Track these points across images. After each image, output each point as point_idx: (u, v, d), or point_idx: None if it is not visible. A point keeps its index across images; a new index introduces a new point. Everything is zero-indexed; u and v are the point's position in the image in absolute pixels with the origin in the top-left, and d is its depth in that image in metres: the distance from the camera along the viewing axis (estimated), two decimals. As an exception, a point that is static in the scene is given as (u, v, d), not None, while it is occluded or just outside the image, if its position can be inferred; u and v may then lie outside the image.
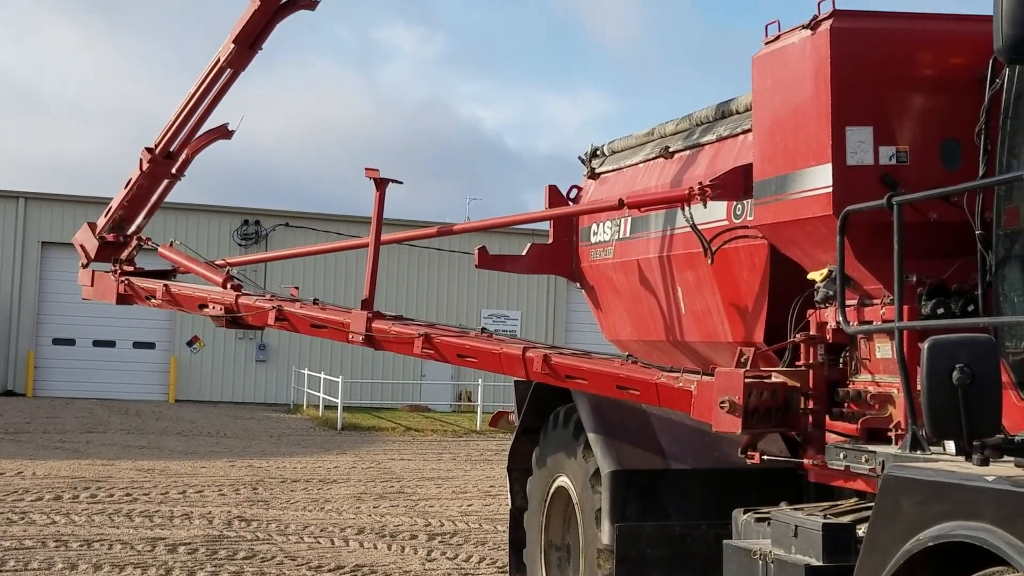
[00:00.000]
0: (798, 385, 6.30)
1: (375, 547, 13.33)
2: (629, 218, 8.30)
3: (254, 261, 11.74)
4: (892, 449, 5.45)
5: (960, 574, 4.16)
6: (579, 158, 9.38)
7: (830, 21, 5.83)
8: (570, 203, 9.19)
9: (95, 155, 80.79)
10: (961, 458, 4.46)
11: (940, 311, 5.62)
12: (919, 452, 4.99)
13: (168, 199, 11.11)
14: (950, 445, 4.69)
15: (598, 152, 9.24)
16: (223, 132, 10.41)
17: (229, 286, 9.74)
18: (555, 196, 9.16)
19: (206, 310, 9.73)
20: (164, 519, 14.33)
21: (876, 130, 5.77)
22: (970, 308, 5.58)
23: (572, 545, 7.83)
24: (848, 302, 5.90)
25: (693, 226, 7.16)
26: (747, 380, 6.13)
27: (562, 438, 7.64)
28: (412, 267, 40.20)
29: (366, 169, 8.78)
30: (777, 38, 6.25)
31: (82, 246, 10.90)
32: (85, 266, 10.95)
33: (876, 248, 5.63)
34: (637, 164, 8.40)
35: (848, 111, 5.75)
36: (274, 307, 9.24)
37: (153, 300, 10.22)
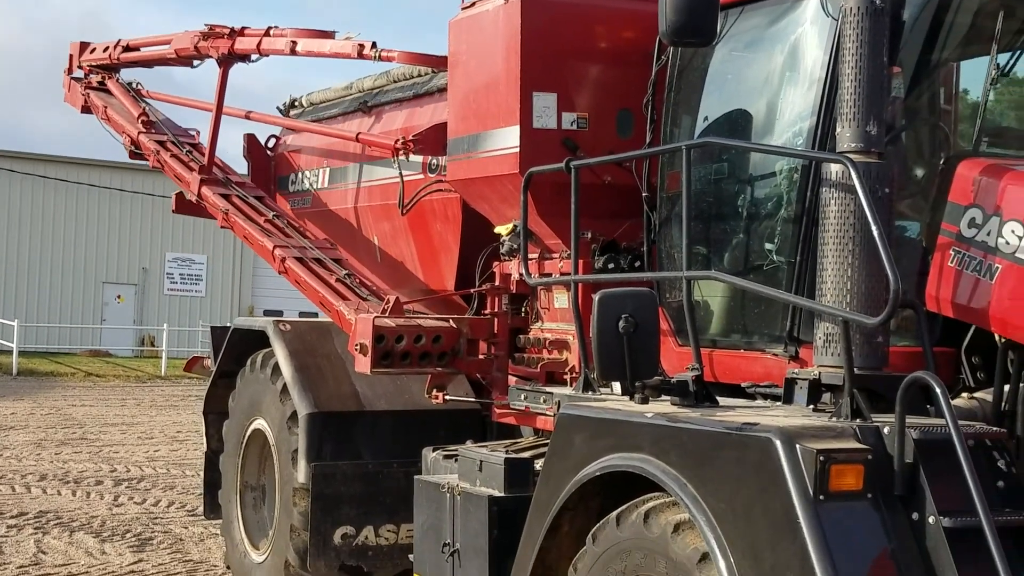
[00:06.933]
0: (464, 331, 6.76)
1: (59, 493, 13.09)
2: (328, 169, 8.55)
3: None
4: (567, 390, 5.98)
5: (624, 500, 4.70)
6: (277, 108, 9.52)
7: (522, -8, 6.23)
8: (269, 152, 9.34)
9: None
10: (626, 398, 5.01)
11: (611, 266, 6.19)
12: (590, 393, 5.52)
13: None
14: (616, 386, 5.23)
15: (296, 103, 9.41)
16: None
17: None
18: (254, 145, 9.29)
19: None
20: None
21: (560, 97, 6.24)
22: (637, 264, 6.16)
23: (267, 485, 8.06)
24: (530, 256, 6.38)
25: (401, 177, 7.47)
26: (377, 324, 6.55)
27: (259, 382, 7.83)
28: (93, 207, 38.66)
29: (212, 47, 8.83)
30: (473, 4, 6.61)
31: (71, 55, 10.91)
32: (68, 73, 10.97)
33: (556, 206, 6.11)
34: (336, 116, 8.64)
35: (535, 78, 6.20)
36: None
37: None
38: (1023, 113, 6.02)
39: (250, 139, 9.34)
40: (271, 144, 9.41)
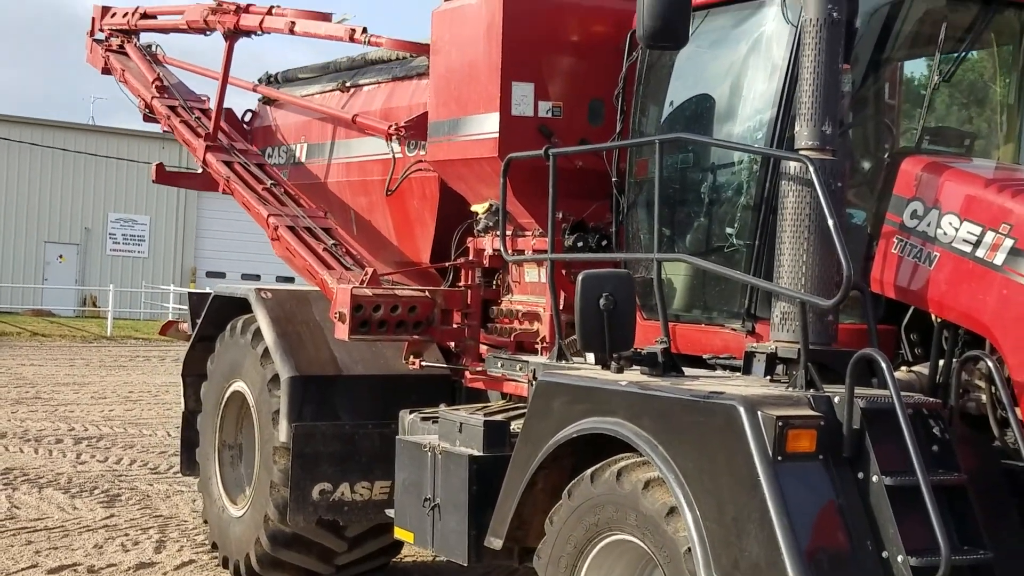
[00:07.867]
0: (439, 301, 7.22)
1: (21, 451, 13.37)
2: (305, 144, 8.93)
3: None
4: (541, 359, 6.46)
5: (595, 460, 5.19)
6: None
7: (504, -15, 6.65)
8: (245, 127, 9.69)
9: None
10: (599, 367, 5.50)
11: (580, 244, 6.66)
12: (563, 362, 6.01)
13: None
14: (590, 356, 5.72)
15: (273, 78, 9.75)
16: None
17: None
18: (231, 119, 9.63)
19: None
20: None
21: (537, 86, 6.70)
22: (604, 243, 6.64)
23: (245, 444, 8.46)
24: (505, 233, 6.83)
25: (393, 159, 7.86)
26: (355, 294, 6.99)
27: (240, 347, 8.20)
28: (36, 166, 38.41)
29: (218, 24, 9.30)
30: (455, -4, 7.02)
31: (93, 18, 11.21)
32: (91, 35, 11.25)
33: (531, 188, 6.57)
34: (314, 95, 9.01)
35: (514, 68, 6.64)
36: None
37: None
38: (962, 114, 6.58)
39: (227, 113, 9.67)
40: (247, 118, 9.76)
